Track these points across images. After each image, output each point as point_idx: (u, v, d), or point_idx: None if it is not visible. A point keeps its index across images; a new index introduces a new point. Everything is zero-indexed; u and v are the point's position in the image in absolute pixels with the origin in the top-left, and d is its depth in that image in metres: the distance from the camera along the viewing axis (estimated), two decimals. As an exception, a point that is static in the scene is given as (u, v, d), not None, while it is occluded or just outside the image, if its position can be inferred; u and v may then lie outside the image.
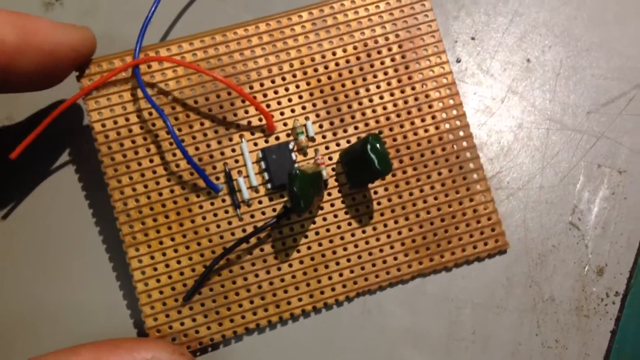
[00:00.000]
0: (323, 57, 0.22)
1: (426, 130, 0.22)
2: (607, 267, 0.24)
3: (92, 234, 0.23)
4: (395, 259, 0.22)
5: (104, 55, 0.22)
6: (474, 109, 0.25)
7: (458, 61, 0.25)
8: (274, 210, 0.22)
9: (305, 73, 0.22)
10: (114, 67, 0.22)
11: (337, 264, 0.22)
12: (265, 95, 0.22)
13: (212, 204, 0.22)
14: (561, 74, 0.25)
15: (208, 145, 0.22)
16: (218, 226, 0.21)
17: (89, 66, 0.21)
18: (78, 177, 0.23)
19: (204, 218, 0.21)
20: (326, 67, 0.22)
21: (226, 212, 0.22)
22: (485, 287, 0.23)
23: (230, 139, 0.22)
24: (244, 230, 0.22)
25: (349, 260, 0.22)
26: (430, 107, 0.23)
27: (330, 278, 0.22)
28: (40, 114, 0.23)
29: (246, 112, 0.22)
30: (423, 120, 0.22)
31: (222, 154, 0.22)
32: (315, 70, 0.22)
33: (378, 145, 0.20)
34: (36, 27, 0.19)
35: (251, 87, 0.22)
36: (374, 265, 0.22)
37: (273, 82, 0.22)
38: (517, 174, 0.24)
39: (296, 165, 0.22)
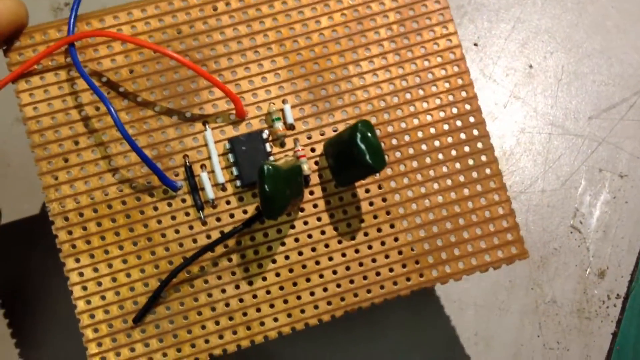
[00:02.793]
0: (305, 26, 0.21)
1: (430, 116, 0.21)
2: (608, 269, 0.27)
3: None
4: (391, 270, 0.21)
5: (37, 25, 0.20)
6: None
7: None
8: (245, 212, 0.20)
9: (283, 46, 0.21)
10: (49, 38, 0.20)
11: (321, 276, 0.20)
12: (234, 74, 0.20)
13: (169, 205, 0.20)
14: (563, 79, 0.28)
15: (164, 133, 0.20)
16: (177, 232, 0.20)
17: (19, 38, 0.20)
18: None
19: (159, 222, 0.20)
20: (308, 39, 0.21)
21: (187, 214, 0.20)
22: (488, 289, 0.26)
23: (192, 127, 0.20)
24: (208, 237, 0.20)
25: (334, 273, 0.20)
26: (434, 87, 0.21)
27: (312, 294, 0.20)
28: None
29: (211, 93, 0.20)
30: (426, 104, 0.21)
31: (182, 144, 0.20)
32: (295, 42, 0.21)
33: (369, 134, 0.19)
34: None
35: (217, 64, 0.20)
36: (365, 278, 0.20)
37: (244, 57, 0.20)
38: (519, 177, 0.27)
39: (270, 158, 0.21)
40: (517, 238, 0.21)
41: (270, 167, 0.18)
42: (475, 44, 0.27)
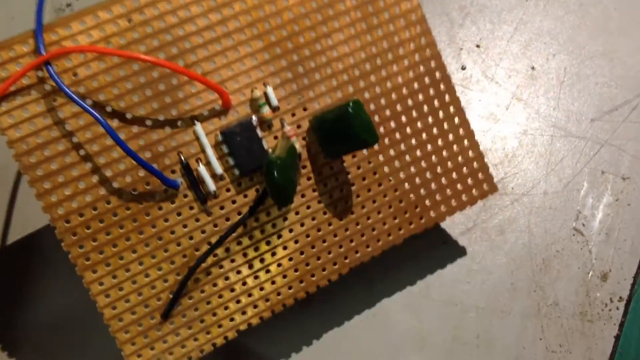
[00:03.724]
0: (273, 6, 0.22)
1: (401, 77, 0.23)
2: (611, 272, 0.28)
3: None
4: (384, 224, 0.23)
5: (2, 41, 0.20)
6: (478, 115, 0.28)
7: (463, 68, 0.28)
8: (246, 196, 0.22)
9: (256, 29, 0.22)
10: (16, 54, 0.20)
11: (324, 242, 0.23)
12: (212, 63, 0.21)
13: (172, 202, 0.21)
14: (565, 81, 0.29)
15: (155, 135, 0.21)
16: (185, 226, 0.22)
17: (-17, 58, 0.20)
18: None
19: (166, 221, 0.21)
20: (279, 19, 0.22)
21: (191, 208, 0.22)
22: (490, 291, 0.27)
23: (181, 124, 0.21)
24: (215, 225, 0.22)
25: (335, 236, 0.23)
26: (402, 50, 0.23)
27: (318, 258, 0.23)
28: None
29: (194, 87, 0.21)
30: (396, 67, 0.23)
31: (174, 142, 0.21)
32: (267, 24, 0.22)
33: (361, 113, 0.21)
34: None
35: (194, 56, 0.21)
36: (362, 235, 0.23)
37: (219, 45, 0.21)
38: (521, 180, 0.28)
39: (264, 144, 0.22)
40: (487, 176, 0.24)
41: (277, 161, 0.20)
42: (478, 46, 0.28)
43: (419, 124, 0.23)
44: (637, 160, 0.29)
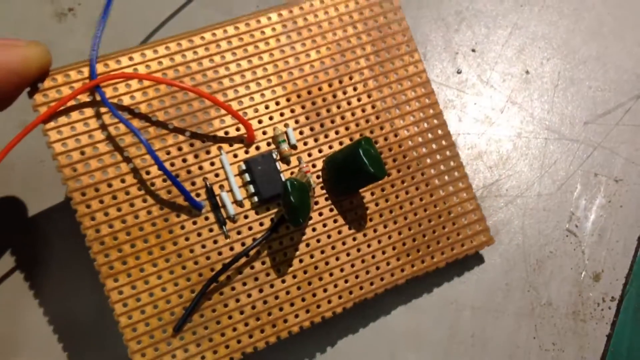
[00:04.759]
0: (297, 59, 0.26)
1: (407, 131, 0.27)
2: (603, 272, 0.30)
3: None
4: (388, 264, 0.26)
5: (58, 68, 0.24)
6: (474, 118, 0.30)
7: (459, 72, 0.31)
8: (261, 224, 0.25)
9: (280, 77, 0.26)
10: (70, 79, 0.24)
11: (331, 275, 0.25)
12: (240, 103, 0.25)
13: (194, 223, 0.24)
14: (559, 85, 0.31)
15: (184, 160, 0.24)
16: (203, 246, 0.24)
17: (42, 81, 0.24)
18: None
19: (187, 239, 0.24)
20: (301, 70, 0.26)
21: (210, 230, 0.24)
22: (485, 291, 0.29)
23: (208, 152, 0.25)
24: (231, 249, 0.24)
25: (342, 270, 0.25)
26: (408, 106, 0.27)
27: (325, 290, 0.25)
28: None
29: (222, 121, 0.25)
30: (403, 121, 0.27)
31: (201, 168, 0.24)
32: (291, 74, 0.26)
33: (372, 149, 0.25)
34: None
35: (225, 95, 0.25)
36: (367, 272, 0.26)
37: (248, 88, 0.25)
38: (515, 182, 0.30)
39: (282, 175, 0.25)
40: (485, 227, 0.27)
41: (295, 182, 0.23)
42: (473, 50, 0.30)
43: (422, 174, 0.27)
44: (630, 162, 0.31)
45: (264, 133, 0.25)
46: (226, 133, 0.25)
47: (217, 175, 0.25)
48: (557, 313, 0.29)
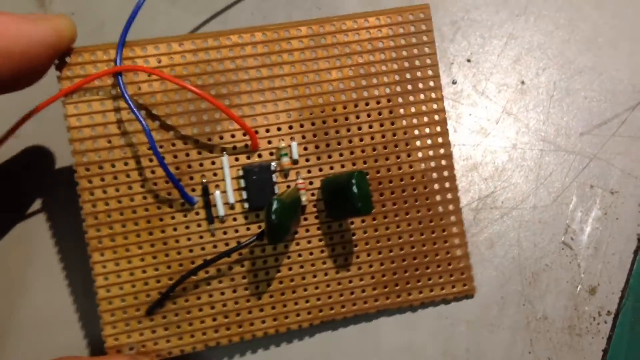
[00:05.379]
0: (317, 76, 0.26)
1: (411, 167, 0.27)
2: (599, 286, 0.30)
3: (56, 247, 0.28)
4: (363, 291, 0.27)
5: (86, 46, 0.26)
6: (469, 129, 0.30)
7: (454, 83, 0.30)
8: (248, 229, 0.26)
9: (297, 90, 0.26)
10: (96, 58, 0.25)
11: (305, 290, 0.26)
12: (252, 109, 0.26)
13: (185, 216, 0.25)
14: (555, 96, 0.31)
15: (187, 154, 0.25)
16: (189, 239, 0.25)
17: (69, 55, 0.25)
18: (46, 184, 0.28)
19: (175, 229, 0.25)
20: (319, 87, 0.26)
21: (199, 225, 0.26)
22: (480, 305, 0.29)
23: (211, 151, 0.26)
24: (214, 247, 0.26)
25: (316, 288, 0.26)
26: (418, 143, 0.27)
27: (296, 303, 0.26)
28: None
29: (231, 124, 0.25)
30: (409, 156, 0.27)
31: (201, 165, 0.25)
32: (308, 88, 0.26)
33: (363, 184, 0.25)
34: (1, 30, 0.21)
35: (239, 98, 0.26)
36: (341, 295, 0.26)
37: (262, 96, 0.26)
38: (511, 193, 0.30)
39: (275, 188, 0.26)
40: (469, 276, 0.28)
41: (278, 203, 0.24)
42: (469, 60, 0.30)
43: (417, 212, 0.27)
44: (626, 174, 0.30)
45: (269, 142, 0.26)
46: (232, 136, 0.26)
47: (215, 174, 0.26)
48: (553, 327, 0.29)
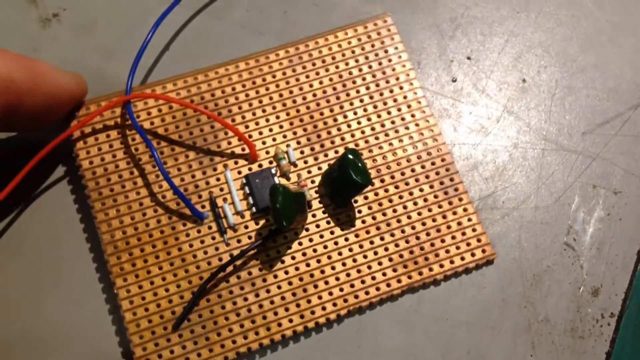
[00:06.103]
0: (301, 89, 0.29)
1: (405, 150, 0.28)
2: (602, 288, 0.28)
3: (84, 264, 0.28)
4: (384, 274, 0.27)
5: (92, 98, 0.28)
6: (469, 128, 0.30)
7: (454, 80, 0.31)
8: (260, 234, 0.27)
9: (284, 105, 0.28)
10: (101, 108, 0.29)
11: (326, 283, 0.26)
12: (247, 127, 0.28)
13: (198, 231, 0.27)
14: (556, 94, 0.31)
15: (193, 176, 0.27)
16: (205, 252, 0.26)
17: (78, 109, 0.29)
18: (69, 204, 0.28)
19: (190, 245, 0.27)
20: (304, 99, 0.28)
21: (213, 238, 0.27)
22: (481, 307, 0.28)
23: (215, 169, 0.27)
24: (231, 255, 0.26)
25: (337, 279, 0.26)
26: (406, 128, 0.29)
27: (320, 297, 0.26)
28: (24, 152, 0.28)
29: (229, 143, 0.28)
30: (401, 141, 0.28)
31: (207, 183, 0.27)
32: (294, 101, 0.28)
33: (355, 158, 0.26)
34: (42, 70, 0.25)
35: (233, 120, 0.28)
36: (363, 282, 0.27)
37: (254, 114, 0.28)
38: (512, 193, 0.29)
39: (277, 182, 0.27)
40: (486, 242, 0.27)
41: (280, 187, 0.25)
42: (469, 58, 0.30)
43: (419, 190, 0.28)
44: (629, 174, 0.29)
45: (267, 152, 0.28)
46: (232, 152, 0.28)
47: (221, 189, 0.27)
48: (555, 330, 0.28)
